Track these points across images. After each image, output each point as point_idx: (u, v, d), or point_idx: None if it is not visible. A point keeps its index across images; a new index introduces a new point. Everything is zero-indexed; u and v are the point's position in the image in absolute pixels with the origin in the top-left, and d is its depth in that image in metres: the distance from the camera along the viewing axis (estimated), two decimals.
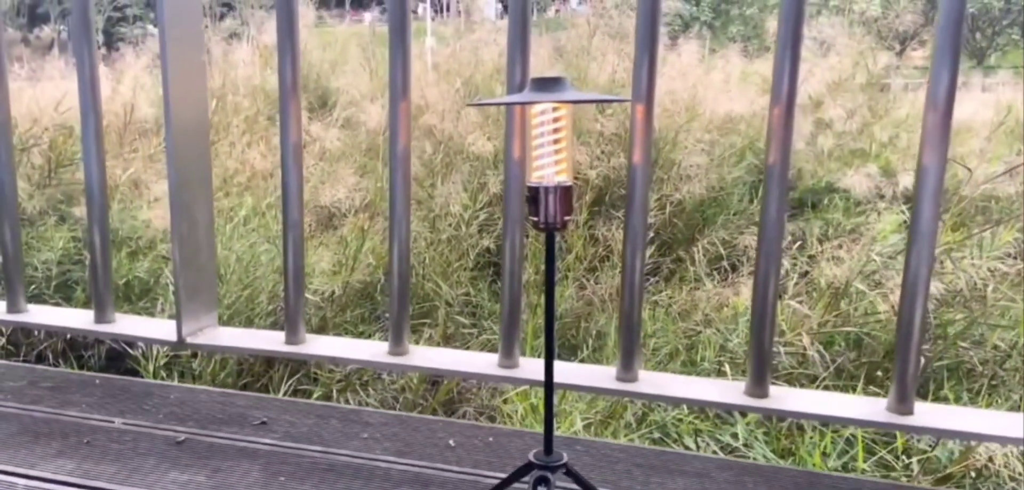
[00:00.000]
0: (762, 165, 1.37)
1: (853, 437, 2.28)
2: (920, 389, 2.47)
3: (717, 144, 4.33)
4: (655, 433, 2.43)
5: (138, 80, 4.94)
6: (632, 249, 1.49)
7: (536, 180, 1.22)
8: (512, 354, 1.61)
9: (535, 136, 1.21)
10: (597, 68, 4.63)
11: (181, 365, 2.82)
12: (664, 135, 4.13)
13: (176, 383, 2.62)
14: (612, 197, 3.95)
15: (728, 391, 1.53)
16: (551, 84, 1.19)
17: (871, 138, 4.83)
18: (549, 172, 1.21)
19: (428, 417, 2.26)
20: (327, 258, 3.40)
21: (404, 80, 1.57)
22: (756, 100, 4.57)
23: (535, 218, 1.22)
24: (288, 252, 1.71)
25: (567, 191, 1.22)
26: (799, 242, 3.67)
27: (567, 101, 1.20)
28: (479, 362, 1.69)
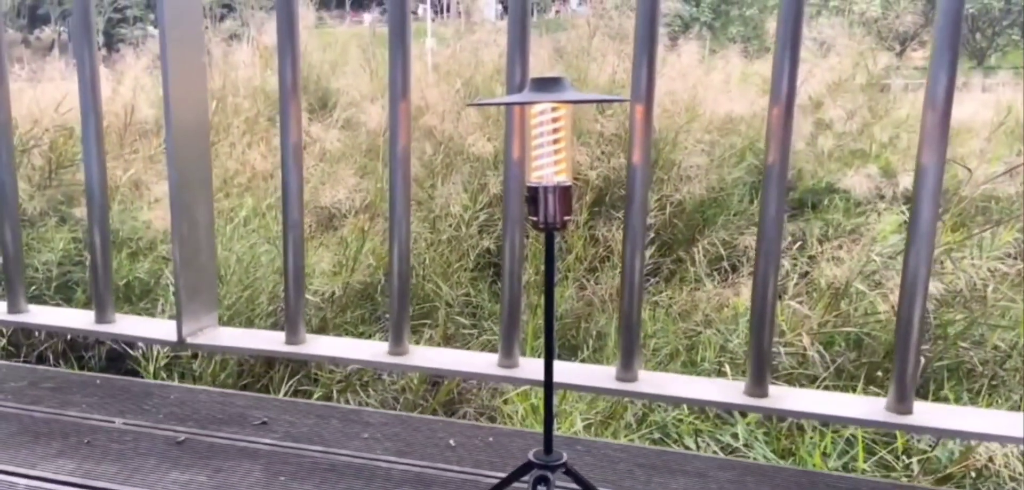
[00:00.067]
0: (762, 165, 1.37)
1: (853, 437, 2.28)
2: (920, 389, 2.47)
3: (717, 145, 4.33)
4: (655, 434, 2.43)
5: (138, 81, 4.95)
6: (632, 249, 1.49)
7: (535, 180, 1.22)
8: (512, 354, 1.61)
9: (534, 136, 1.22)
10: (597, 69, 4.63)
11: (181, 366, 2.82)
12: (664, 136, 4.13)
13: (176, 383, 2.62)
14: (612, 197, 3.96)
15: (728, 391, 1.54)
16: (550, 84, 1.19)
17: (871, 139, 4.84)
18: (548, 172, 1.21)
19: (428, 417, 2.26)
20: (327, 259, 3.40)
21: (404, 81, 1.57)
22: (756, 101, 4.57)
23: (534, 218, 1.23)
24: (288, 252, 1.71)
25: (566, 191, 1.22)
26: (799, 242, 3.67)
27: (566, 101, 1.20)
28: (479, 362, 1.69)
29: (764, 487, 1.57)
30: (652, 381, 1.57)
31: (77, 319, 1.98)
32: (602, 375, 1.59)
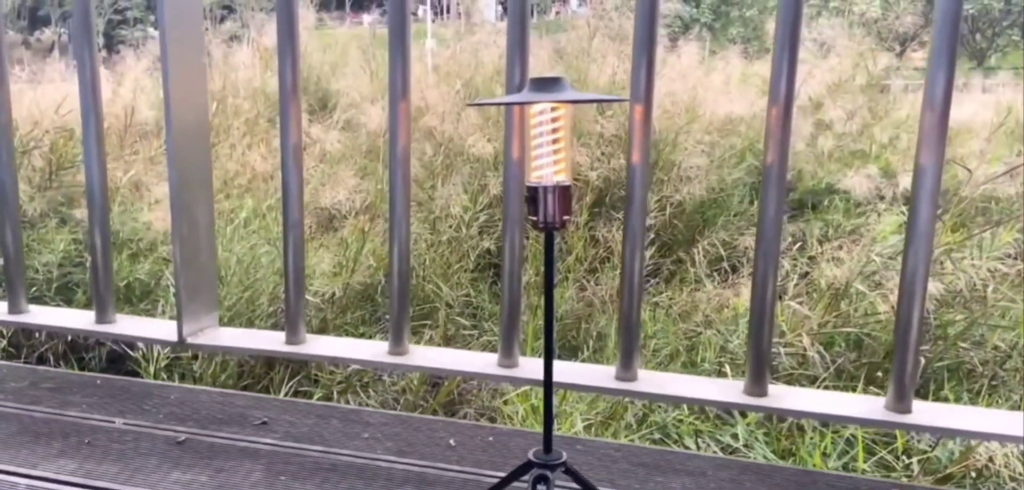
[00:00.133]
0: (762, 166, 1.37)
1: (853, 438, 2.28)
2: (920, 390, 2.48)
3: (717, 145, 4.33)
4: (655, 434, 2.43)
5: (139, 82, 4.95)
6: (631, 248, 1.49)
7: (535, 180, 1.22)
8: (512, 353, 1.61)
9: (534, 136, 1.22)
10: (597, 70, 4.64)
11: (182, 367, 2.82)
12: (664, 136, 4.14)
13: (176, 384, 2.62)
14: (612, 198, 3.96)
15: (727, 390, 1.54)
16: (550, 84, 1.20)
17: (871, 139, 4.84)
18: (548, 172, 1.22)
19: (429, 417, 2.26)
20: (327, 260, 3.40)
21: (404, 81, 1.58)
22: (756, 102, 4.57)
23: (534, 218, 1.23)
24: (288, 252, 1.71)
25: (566, 191, 1.22)
26: (799, 243, 3.67)
27: (565, 101, 1.20)
28: (479, 362, 1.69)
29: (763, 486, 1.57)
30: (651, 381, 1.57)
31: (78, 319, 1.99)
32: (602, 375, 1.59)
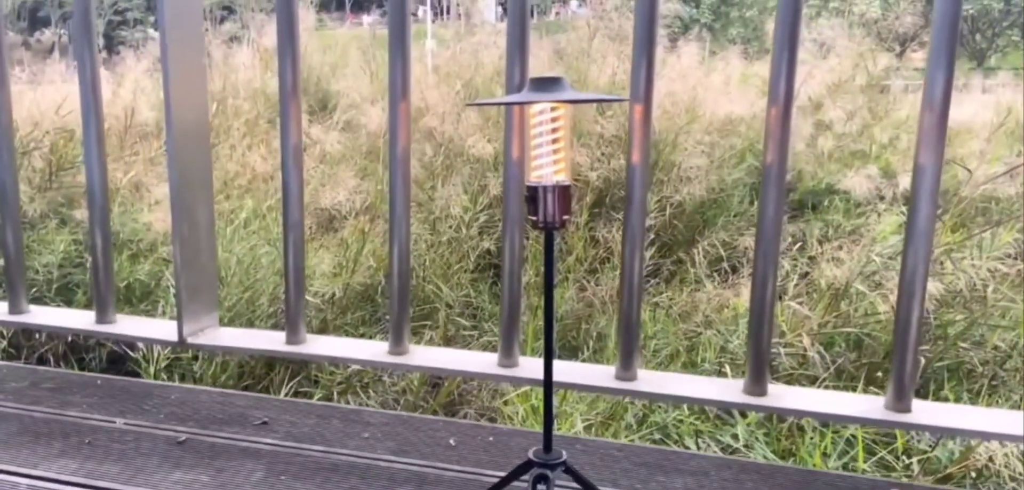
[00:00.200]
0: (762, 166, 1.37)
1: (853, 438, 2.28)
2: (920, 390, 2.48)
3: (717, 146, 4.34)
4: (656, 434, 2.44)
5: (139, 83, 4.96)
6: (631, 248, 1.49)
7: (535, 180, 1.22)
8: (512, 353, 1.61)
9: (533, 136, 1.22)
10: (597, 70, 4.64)
11: (182, 367, 2.82)
12: (664, 137, 4.14)
13: (177, 384, 2.63)
14: (612, 199, 3.96)
15: (727, 390, 1.54)
16: (549, 84, 1.20)
17: (871, 139, 4.85)
18: (548, 172, 1.22)
19: (429, 417, 2.26)
20: (328, 260, 3.40)
21: (404, 82, 1.58)
22: (756, 102, 4.58)
23: (534, 217, 1.23)
24: (289, 252, 1.72)
25: (565, 190, 1.22)
26: (799, 243, 3.67)
27: (565, 101, 1.20)
28: (479, 361, 1.69)
29: (762, 486, 1.57)
30: (651, 380, 1.58)
31: (78, 319, 1.99)
32: (602, 374, 1.59)
